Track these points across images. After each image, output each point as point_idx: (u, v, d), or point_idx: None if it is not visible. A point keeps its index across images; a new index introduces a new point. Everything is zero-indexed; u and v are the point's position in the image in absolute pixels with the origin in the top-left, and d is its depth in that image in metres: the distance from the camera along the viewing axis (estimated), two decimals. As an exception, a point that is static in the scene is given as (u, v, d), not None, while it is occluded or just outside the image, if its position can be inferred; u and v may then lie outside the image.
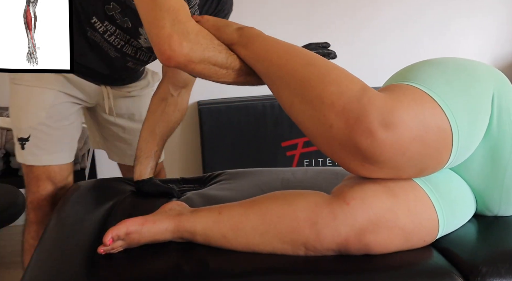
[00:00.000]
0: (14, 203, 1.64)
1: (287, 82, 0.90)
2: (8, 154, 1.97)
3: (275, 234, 0.86)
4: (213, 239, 0.89)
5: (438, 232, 0.90)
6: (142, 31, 1.20)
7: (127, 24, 1.18)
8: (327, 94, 0.85)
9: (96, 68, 1.28)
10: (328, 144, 0.86)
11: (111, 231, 0.86)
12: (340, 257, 0.87)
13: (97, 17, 1.18)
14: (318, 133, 0.87)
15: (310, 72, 0.89)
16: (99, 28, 1.19)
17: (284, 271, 0.85)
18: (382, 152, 0.81)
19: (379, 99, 0.83)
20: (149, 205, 1.09)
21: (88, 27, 1.20)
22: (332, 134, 0.84)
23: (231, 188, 1.20)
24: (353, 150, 0.82)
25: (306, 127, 0.89)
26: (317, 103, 0.85)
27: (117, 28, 1.19)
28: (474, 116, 0.87)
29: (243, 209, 0.90)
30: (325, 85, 0.86)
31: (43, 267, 0.88)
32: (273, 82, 0.94)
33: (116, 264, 0.87)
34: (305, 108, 0.87)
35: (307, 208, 0.86)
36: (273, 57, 0.94)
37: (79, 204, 1.14)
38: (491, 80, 0.92)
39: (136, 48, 1.26)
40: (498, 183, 0.94)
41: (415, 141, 0.82)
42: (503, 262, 0.86)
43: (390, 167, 0.85)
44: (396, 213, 0.85)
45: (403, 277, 0.84)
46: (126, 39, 1.22)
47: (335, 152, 0.86)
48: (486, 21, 2.74)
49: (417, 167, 0.86)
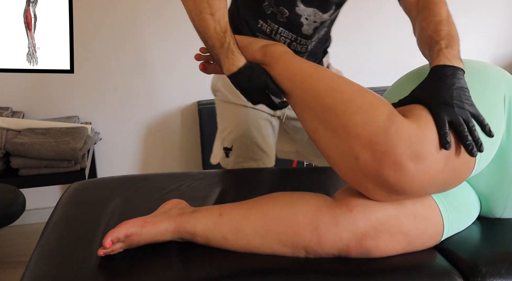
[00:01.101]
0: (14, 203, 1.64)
1: (311, 107, 0.88)
2: (8, 154, 1.97)
3: (275, 237, 0.86)
4: (213, 240, 0.89)
5: (442, 237, 0.90)
6: (302, 20, 1.15)
7: (284, 13, 1.15)
8: (352, 124, 0.82)
9: None
10: (353, 174, 0.84)
11: (110, 233, 0.86)
12: (340, 258, 0.87)
13: (262, 19, 1.17)
14: (342, 163, 0.85)
15: (334, 98, 0.86)
16: (266, 29, 1.19)
17: (284, 271, 0.85)
18: (412, 185, 0.80)
19: (407, 130, 0.79)
20: (149, 204, 1.08)
21: (259, 33, 1.21)
22: (358, 166, 0.81)
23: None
24: (380, 182, 0.80)
25: (330, 156, 0.87)
26: (342, 133, 0.83)
27: (280, 25, 1.18)
28: (492, 126, 0.85)
29: (243, 210, 0.89)
30: (350, 114, 0.83)
31: (43, 267, 0.88)
32: (297, 105, 0.92)
33: (116, 264, 0.87)
34: (330, 136, 0.85)
35: (309, 212, 0.85)
36: (296, 79, 0.92)
37: (79, 203, 1.14)
38: (502, 86, 0.91)
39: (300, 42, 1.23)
40: (505, 189, 0.93)
41: (444, 171, 0.81)
42: (503, 262, 0.86)
43: (416, 196, 0.84)
44: (401, 219, 0.84)
45: (403, 277, 0.84)
46: (291, 37, 1.21)
47: (360, 183, 0.84)
48: (487, 20, 2.74)
49: (439, 190, 0.86)
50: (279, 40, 1.21)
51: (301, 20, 1.16)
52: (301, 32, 1.20)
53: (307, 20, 1.16)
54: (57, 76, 2.29)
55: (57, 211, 1.12)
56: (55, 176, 2.00)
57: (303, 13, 1.14)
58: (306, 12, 1.14)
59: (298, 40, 1.22)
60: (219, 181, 1.27)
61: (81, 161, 2.02)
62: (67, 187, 1.25)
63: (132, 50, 2.40)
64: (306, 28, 1.18)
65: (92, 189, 1.23)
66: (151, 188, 1.20)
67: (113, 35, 2.35)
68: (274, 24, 1.17)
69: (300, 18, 1.16)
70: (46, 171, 1.98)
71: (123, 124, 2.48)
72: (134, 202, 1.12)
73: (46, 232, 1.02)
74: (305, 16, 1.14)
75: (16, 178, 1.97)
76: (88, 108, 2.41)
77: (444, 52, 0.89)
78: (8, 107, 2.25)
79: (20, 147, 1.93)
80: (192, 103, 2.51)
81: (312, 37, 1.23)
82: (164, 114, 2.52)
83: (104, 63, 2.37)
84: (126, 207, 1.09)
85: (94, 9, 2.29)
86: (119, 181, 1.27)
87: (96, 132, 2.40)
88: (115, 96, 2.43)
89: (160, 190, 1.19)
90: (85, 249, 0.91)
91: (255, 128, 1.38)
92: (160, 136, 2.55)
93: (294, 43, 1.22)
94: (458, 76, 0.85)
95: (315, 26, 1.19)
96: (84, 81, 2.37)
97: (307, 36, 1.21)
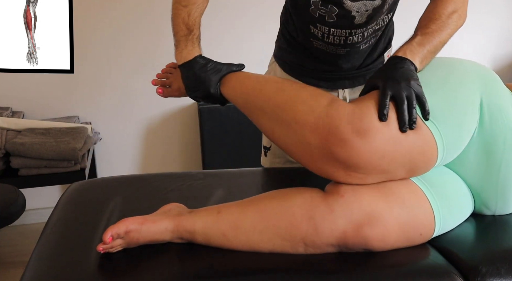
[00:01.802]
0: (14, 203, 1.64)
1: (264, 110, 0.96)
2: (8, 154, 1.97)
3: (274, 231, 0.87)
4: (212, 238, 0.89)
5: (435, 227, 0.90)
6: (354, 14, 1.14)
7: (334, 11, 1.13)
8: (299, 114, 0.90)
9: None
10: (313, 161, 0.90)
11: (111, 229, 0.87)
12: (340, 257, 0.87)
13: (311, 24, 1.18)
14: (301, 153, 0.91)
15: (282, 97, 0.94)
16: (318, 34, 1.19)
17: (284, 271, 0.85)
18: (360, 158, 0.85)
19: (346, 109, 0.87)
20: (149, 205, 1.09)
21: (312, 38, 1.21)
22: (312, 150, 0.88)
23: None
24: (334, 161, 0.87)
25: (291, 150, 0.94)
26: (293, 125, 0.90)
27: (330, 26, 1.17)
28: (456, 112, 0.90)
29: (241, 207, 0.91)
30: (297, 106, 0.91)
31: (43, 267, 0.88)
32: (252, 113, 1.00)
33: (115, 265, 0.87)
34: (285, 131, 0.92)
35: (304, 203, 0.88)
36: (248, 89, 1.00)
37: (79, 203, 1.14)
38: (476, 82, 0.94)
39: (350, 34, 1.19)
40: (493, 178, 0.95)
41: (390, 142, 0.85)
42: (503, 262, 0.86)
43: (375, 172, 0.87)
44: (390, 204, 0.87)
45: (403, 277, 0.84)
46: (345, 33, 1.18)
47: (322, 168, 0.90)
48: (487, 20, 2.73)
49: (405, 167, 0.89)
50: (333, 41, 1.20)
51: (352, 14, 1.14)
52: (353, 24, 1.16)
53: (358, 13, 1.14)
54: (57, 76, 2.29)
55: (57, 211, 1.12)
56: (55, 176, 2.00)
57: (352, 9, 1.13)
58: (356, 6, 1.12)
59: (353, 32, 1.18)
60: (219, 181, 1.27)
61: (81, 161, 2.02)
62: (67, 187, 1.25)
63: (132, 50, 2.40)
64: (359, 19, 1.15)
65: (92, 189, 1.23)
66: (151, 188, 1.20)
67: (113, 35, 2.35)
68: (324, 27, 1.17)
69: (350, 13, 1.14)
70: (46, 171, 1.98)
71: (123, 124, 2.48)
72: (134, 202, 1.12)
73: (46, 232, 1.02)
74: (355, 10, 1.13)
75: (16, 178, 1.96)
76: (88, 108, 2.41)
77: (410, 48, 0.97)
78: (8, 107, 2.25)
79: (20, 147, 1.93)
80: (192, 103, 2.51)
81: (367, 24, 1.18)
82: (164, 114, 2.52)
83: (104, 63, 2.37)
84: (126, 207, 1.09)
85: (94, 9, 2.29)
86: (119, 181, 1.27)
87: (96, 132, 2.40)
88: (115, 96, 2.43)
89: (160, 190, 1.19)
90: (85, 249, 0.91)
91: None
92: (160, 137, 2.55)
93: (350, 38, 1.19)
94: (410, 67, 0.94)
95: (368, 14, 1.14)
96: (84, 81, 2.37)
97: (361, 24, 1.17)
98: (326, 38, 1.19)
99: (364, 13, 1.13)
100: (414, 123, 0.86)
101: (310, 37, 1.21)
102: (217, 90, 1.07)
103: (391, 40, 1.34)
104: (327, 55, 1.24)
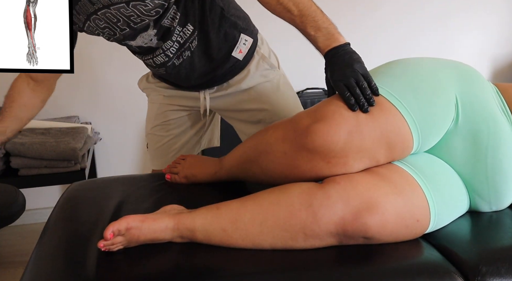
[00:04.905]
0: (14, 203, 1.64)
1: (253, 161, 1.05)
2: (8, 154, 1.97)
3: (273, 222, 0.88)
4: (213, 234, 0.90)
5: (430, 214, 0.91)
6: (143, 45, 1.26)
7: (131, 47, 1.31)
8: (267, 137, 1.00)
9: (177, 82, 1.42)
10: (294, 167, 0.95)
11: (112, 225, 0.87)
12: (340, 255, 0.87)
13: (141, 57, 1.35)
14: (282, 167, 0.97)
15: (263, 139, 1.02)
16: (148, 62, 1.35)
17: (283, 271, 0.85)
18: (325, 138, 0.89)
19: (305, 111, 0.97)
20: (149, 205, 1.09)
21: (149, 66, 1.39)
22: (289, 157, 0.95)
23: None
24: (308, 154, 0.92)
25: (277, 173, 0.99)
26: (265, 148, 0.99)
27: (142, 57, 1.35)
28: (422, 92, 0.95)
29: (240, 202, 0.93)
30: (271, 134, 1.00)
31: (43, 267, 0.88)
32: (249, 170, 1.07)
33: (116, 264, 0.87)
34: (263, 160, 1.00)
35: (301, 192, 0.90)
36: (244, 155, 1.09)
37: (79, 203, 1.14)
38: (450, 75, 0.99)
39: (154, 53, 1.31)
40: (482, 164, 0.96)
41: (351, 119, 0.91)
42: (503, 261, 0.86)
43: (352, 152, 0.90)
44: (385, 189, 0.89)
45: (403, 276, 0.84)
46: (155, 55, 1.31)
47: (303, 169, 0.94)
48: (487, 20, 2.74)
49: (381, 145, 0.92)
50: (153, 64, 1.33)
51: (139, 46, 1.27)
52: (151, 48, 1.27)
53: (146, 44, 1.25)
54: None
55: (57, 211, 1.12)
56: (55, 176, 2.00)
57: (138, 44, 1.26)
58: (139, 43, 1.25)
59: (155, 54, 1.29)
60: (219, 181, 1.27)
61: (81, 161, 2.02)
62: (67, 187, 1.25)
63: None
64: (151, 45, 1.25)
65: (92, 189, 1.23)
66: (151, 188, 1.20)
67: (113, 35, 2.35)
68: (142, 57, 1.33)
69: (141, 47, 1.27)
70: (46, 171, 1.98)
71: (123, 124, 2.48)
72: (134, 202, 1.12)
73: (46, 232, 1.03)
74: (140, 44, 1.26)
75: (16, 178, 1.97)
76: (88, 108, 2.41)
77: (318, 36, 1.03)
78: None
79: (20, 146, 1.93)
80: (192, 103, 2.51)
81: (161, 45, 1.26)
82: (164, 114, 2.52)
83: (104, 63, 2.38)
84: (126, 207, 1.09)
85: (94, 9, 2.29)
86: (119, 181, 1.27)
87: (96, 132, 2.40)
88: (115, 97, 2.43)
89: (160, 190, 1.19)
90: (85, 249, 0.91)
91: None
92: (160, 137, 2.55)
93: (155, 59, 1.31)
94: (343, 49, 1.00)
95: (155, 41, 1.24)
96: (84, 81, 2.37)
97: (153, 48, 1.27)
98: (149, 65, 1.35)
99: (149, 42, 1.24)
100: (372, 99, 0.93)
101: (149, 66, 1.38)
102: None
103: (235, 40, 1.36)
104: (169, 76, 1.37)
